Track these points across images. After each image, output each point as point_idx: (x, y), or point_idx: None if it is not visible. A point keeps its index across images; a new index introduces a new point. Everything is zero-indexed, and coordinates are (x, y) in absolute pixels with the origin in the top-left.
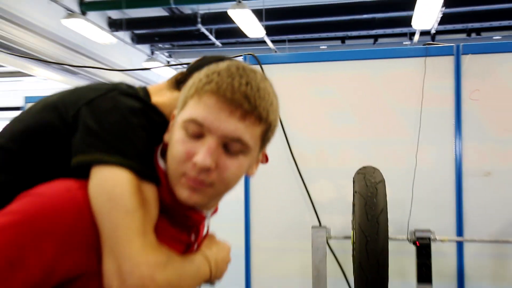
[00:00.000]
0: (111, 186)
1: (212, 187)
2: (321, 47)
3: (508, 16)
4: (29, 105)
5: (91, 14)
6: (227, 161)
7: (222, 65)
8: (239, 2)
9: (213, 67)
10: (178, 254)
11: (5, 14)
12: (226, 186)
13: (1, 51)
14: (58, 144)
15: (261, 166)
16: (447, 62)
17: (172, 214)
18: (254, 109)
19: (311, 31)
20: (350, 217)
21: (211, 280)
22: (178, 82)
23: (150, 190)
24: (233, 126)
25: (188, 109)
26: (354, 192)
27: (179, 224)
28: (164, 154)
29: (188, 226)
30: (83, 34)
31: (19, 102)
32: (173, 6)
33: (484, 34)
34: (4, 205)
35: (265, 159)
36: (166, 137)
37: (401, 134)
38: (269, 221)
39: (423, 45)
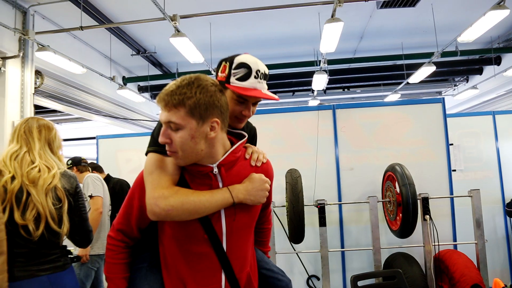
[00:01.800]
0: (147, 161)
1: (177, 152)
2: None
3: (363, 80)
4: (100, 140)
5: (129, 85)
6: (173, 135)
7: None
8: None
9: None
10: (199, 190)
11: (83, 88)
12: (183, 149)
13: (79, 108)
14: None
15: None
16: (329, 113)
17: (191, 171)
18: (167, 102)
19: None
20: (284, 195)
21: (235, 202)
22: None
23: (169, 161)
24: (163, 116)
25: None
26: (286, 182)
27: (198, 175)
28: None
29: (204, 175)
30: (126, 97)
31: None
32: (176, 78)
33: (351, 89)
34: None
35: (217, 124)
36: None
37: (309, 150)
38: None
39: (318, 104)
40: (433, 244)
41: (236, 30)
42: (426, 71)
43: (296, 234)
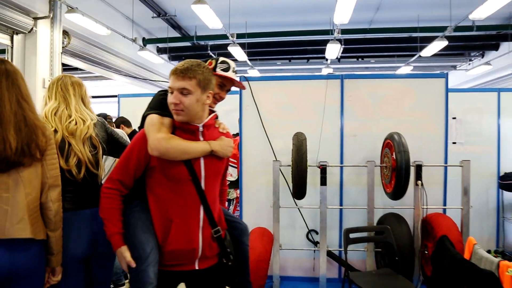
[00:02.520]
0: (149, 119)
1: (183, 111)
2: (277, 63)
3: (378, 50)
4: (122, 98)
5: (148, 46)
6: (183, 98)
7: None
8: (233, 42)
9: None
10: (186, 140)
11: (106, 49)
12: (188, 108)
13: (101, 68)
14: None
15: (250, 137)
16: (337, 82)
17: (182, 128)
18: (185, 74)
19: (273, 54)
20: (290, 156)
21: (213, 152)
22: None
23: (166, 119)
24: (178, 84)
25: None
26: (293, 144)
27: (187, 131)
28: None
29: (192, 131)
30: (146, 58)
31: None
32: (195, 41)
33: (366, 59)
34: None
35: (211, 95)
36: None
37: (316, 116)
38: (256, 159)
39: (327, 74)
40: (423, 207)
41: None
42: (438, 45)
43: (298, 191)
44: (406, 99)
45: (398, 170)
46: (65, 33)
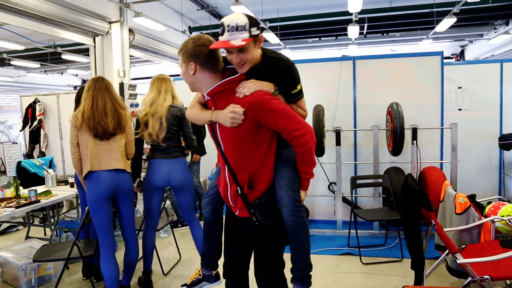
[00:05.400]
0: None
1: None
2: (308, 41)
3: (400, 26)
4: (176, 80)
5: (194, 33)
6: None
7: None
8: (266, 28)
9: None
10: (201, 109)
11: (158, 39)
12: (185, 80)
13: (151, 55)
14: None
15: None
16: (350, 63)
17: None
18: (178, 52)
19: (304, 34)
20: (311, 123)
21: (211, 120)
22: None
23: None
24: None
25: None
26: (312, 114)
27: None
28: None
29: (207, 101)
30: None
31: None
32: None
33: (390, 34)
34: None
35: (194, 67)
36: None
37: (331, 90)
38: None
39: (341, 56)
40: (418, 162)
41: None
42: (448, 22)
43: (318, 150)
44: (408, 74)
45: (395, 133)
46: (131, 31)
